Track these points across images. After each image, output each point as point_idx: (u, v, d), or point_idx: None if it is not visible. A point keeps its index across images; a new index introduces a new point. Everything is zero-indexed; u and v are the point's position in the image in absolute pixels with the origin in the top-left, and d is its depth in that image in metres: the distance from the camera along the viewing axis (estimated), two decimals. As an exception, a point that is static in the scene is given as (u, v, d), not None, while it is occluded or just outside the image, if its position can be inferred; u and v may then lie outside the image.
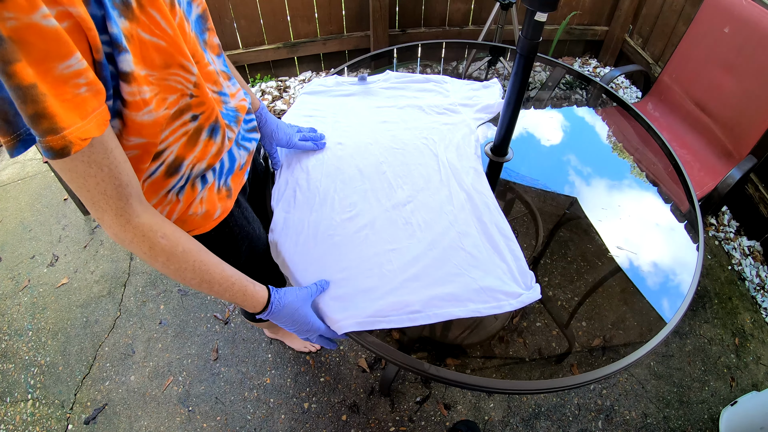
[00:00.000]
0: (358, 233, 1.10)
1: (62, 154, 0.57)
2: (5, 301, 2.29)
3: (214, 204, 0.94)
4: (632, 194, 1.38)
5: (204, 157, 0.87)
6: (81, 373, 1.98)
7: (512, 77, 1.15)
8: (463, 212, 1.14)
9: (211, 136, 0.86)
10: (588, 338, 1.11)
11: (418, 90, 1.51)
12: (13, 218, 2.71)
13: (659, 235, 1.28)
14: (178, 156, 0.82)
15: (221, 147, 0.90)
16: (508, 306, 0.99)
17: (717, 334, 2.02)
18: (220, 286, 0.84)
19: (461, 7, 3.22)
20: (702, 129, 2.08)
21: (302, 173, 1.23)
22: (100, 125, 0.60)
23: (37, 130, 0.55)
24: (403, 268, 1.03)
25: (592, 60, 3.56)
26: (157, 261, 0.75)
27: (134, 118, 0.67)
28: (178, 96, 0.75)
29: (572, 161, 1.46)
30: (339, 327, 0.95)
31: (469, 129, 1.37)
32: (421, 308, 0.97)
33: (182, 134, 0.80)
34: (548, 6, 0.99)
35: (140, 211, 0.71)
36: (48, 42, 0.52)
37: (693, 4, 2.71)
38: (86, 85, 0.57)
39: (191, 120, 0.80)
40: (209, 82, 0.85)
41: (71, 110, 0.56)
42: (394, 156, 1.27)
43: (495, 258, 1.06)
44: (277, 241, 1.09)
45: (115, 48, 0.61)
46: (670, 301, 1.11)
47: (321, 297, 0.99)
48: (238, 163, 0.98)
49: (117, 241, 0.72)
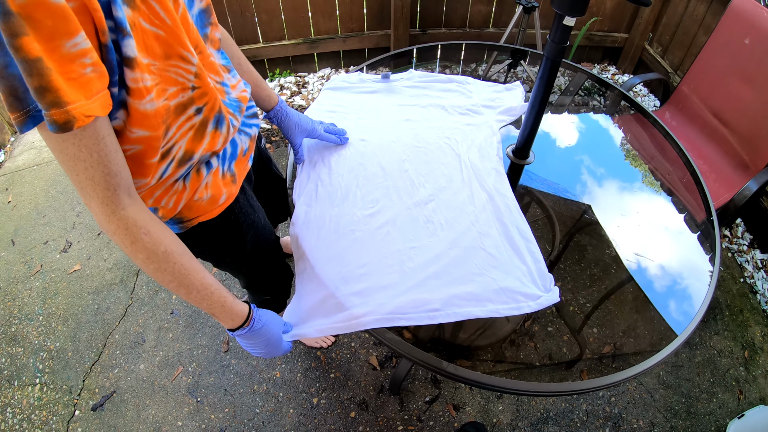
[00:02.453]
0: (380, 229, 1.10)
1: (65, 128, 0.58)
2: (17, 285, 2.31)
3: (219, 189, 0.94)
4: (649, 202, 1.37)
5: (212, 148, 0.88)
6: (90, 359, 1.99)
7: (537, 80, 1.15)
8: (484, 213, 1.14)
9: (217, 127, 0.87)
10: (599, 345, 1.11)
11: (441, 90, 1.52)
12: (27, 203, 2.73)
13: (674, 245, 1.28)
14: (188, 150, 0.83)
15: (227, 136, 0.91)
16: (527, 308, 0.99)
17: (727, 346, 2.01)
18: (198, 294, 0.82)
19: (482, 9, 3.22)
20: (719, 140, 2.07)
21: (324, 168, 1.24)
22: (104, 107, 0.62)
23: (42, 103, 0.56)
24: (424, 265, 1.04)
25: (610, 67, 3.54)
26: (137, 257, 0.74)
27: (137, 107, 0.68)
28: (178, 89, 0.76)
29: (591, 167, 1.46)
30: (360, 323, 0.95)
31: (492, 130, 1.37)
32: (441, 306, 0.97)
33: (188, 128, 0.81)
34: (577, 10, 0.98)
35: (127, 204, 0.71)
36: (55, 19, 0.54)
37: (714, 13, 2.70)
38: (91, 65, 0.59)
39: (196, 113, 0.81)
40: (211, 72, 0.86)
41: (77, 88, 0.58)
42: (417, 154, 1.28)
43: (515, 259, 1.07)
44: (298, 235, 1.10)
45: (119, 32, 0.62)
46: (683, 312, 1.11)
47: (341, 292, 1.00)
48: (240, 148, 0.99)
49: (103, 229, 0.72)
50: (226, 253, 1.10)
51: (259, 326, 0.92)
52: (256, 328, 0.91)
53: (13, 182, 2.90)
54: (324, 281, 1.02)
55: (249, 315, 0.91)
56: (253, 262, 1.16)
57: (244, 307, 0.90)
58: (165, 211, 0.86)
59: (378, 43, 3.30)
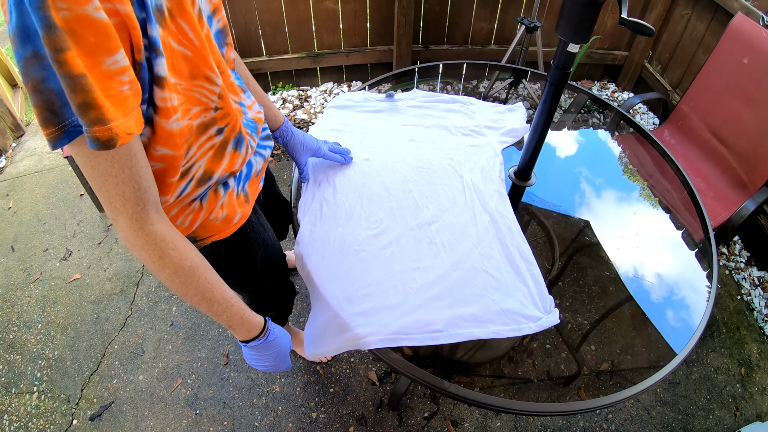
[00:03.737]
0: (384, 250, 1.11)
1: (108, 146, 0.58)
2: (16, 292, 2.30)
3: (234, 209, 0.96)
4: (647, 221, 1.39)
5: (231, 169, 0.89)
6: (89, 369, 1.98)
7: (541, 104, 1.17)
8: (486, 235, 1.15)
9: (236, 148, 0.88)
10: (596, 362, 1.12)
11: (445, 110, 1.54)
12: (28, 210, 2.73)
13: (672, 264, 1.29)
14: (207, 170, 0.84)
15: (245, 157, 0.92)
16: (528, 329, 1.01)
17: (723, 363, 2.02)
18: (220, 306, 0.83)
19: (484, 27, 3.26)
20: (717, 158, 2.09)
21: (329, 188, 1.25)
22: (138, 125, 0.62)
23: (84, 119, 0.56)
24: (427, 287, 1.05)
25: (610, 84, 3.58)
26: (163, 272, 0.74)
27: (164, 125, 0.69)
28: (201, 109, 0.76)
29: (591, 186, 1.48)
30: (364, 343, 0.96)
31: (494, 152, 1.39)
32: (443, 327, 0.99)
33: (209, 148, 0.82)
34: (581, 38, 1.01)
35: (155, 220, 0.71)
36: (98, 35, 0.54)
37: (713, 33, 2.73)
38: (129, 83, 0.59)
39: (217, 134, 0.82)
40: (232, 92, 0.87)
41: (116, 105, 0.58)
42: (420, 175, 1.29)
43: (516, 281, 1.08)
44: (303, 254, 1.11)
45: (153, 51, 0.63)
46: (681, 330, 1.12)
47: (346, 312, 1.01)
48: (254, 169, 1.01)
49: (128, 246, 0.72)
50: (237, 271, 1.11)
51: (272, 338, 0.94)
52: (270, 340, 0.94)
53: (14, 188, 2.91)
54: (328, 301, 1.03)
55: (264, 327, 0.93)
56: (261, 280, 1.17)
57: (260, 319, 0.93)
58: (180, 229, 0.85)
59: (381, 58, 3.33)
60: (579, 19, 0.97)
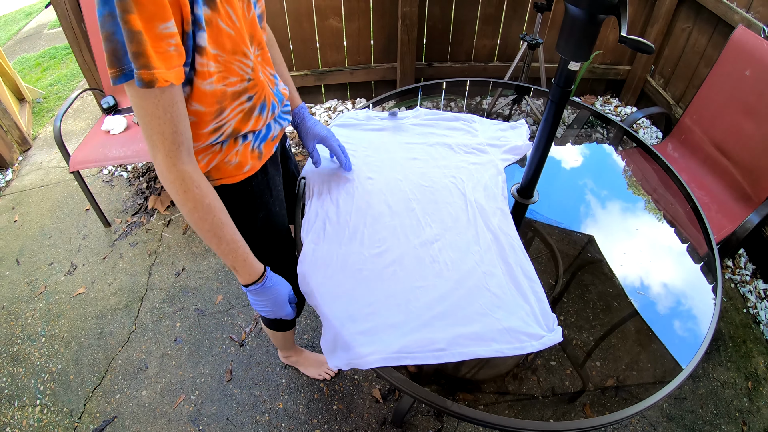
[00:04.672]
0: (387, 269, 1.12)
1: (148, 86, 0.75)
2: (20, 305, 2.32)
3: (246, 158, 1.08)
4: (651, 235, 1.39)
5: (254, 128, 1.06)
6: (92, 383, 1.99)
7: (542, 123, 1.17)
8: (489, 253, 1.16)
9: (260, 113, 1.06)
10: (601, 378, 1.11)
11: (448, 128, 1.55)
12: (33, 223, 2.75)
13: (677, 279, 1.29)
14: (235, 129, 1.01)
15: (266, 120, 1.09)
16: (531, 347, 1.00)
17: (730, 377, 2.00)
18: (228, 246, 0.97)
19: (487, 44, 3.28)
20: (721, 172, 2.09)
21: (332, 206, 1.26)
22: (178, 78, 0.80)
23: (136, 64, 0.74)
24: (430, 305, 1.05)
25: (613, 99, 3.59)
26: (186, 205, 0.89)
27: (200, 86, 0.87)
28: (238, 79, 0.94)
29: (594, 203, 1.48)
30: (365, 362, 0.96)
31: (497, 169, 1.40)
32: (446, 346, 0.98)
33: (239, 112, 0.99)
34: (582, 56, 1.01)
35: (186, 161, 0.86)
36: (156, 6, 0.72)
37: (715, 46, 2.74)
38: (174, 46, 0.77)
39: (247, 100, 1.00)
40: (268, 65, 1.08)
41: (161, 60, 0.76)
42: (423, 194, 1.30)
43: (519, 299, 1.08)
44: (305, 273, 1.11)
45: (197, 26, 0.81)
46: (685, 345, 1.11)
47: (348, 330, 1.01)
48: (272, 133, 1.14)
49: (161, 179, 0.87)
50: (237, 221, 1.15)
51: (270, 284, 1.07)
52: (267, 285, 1.06)
53: (20, 201, 2.93)
54: (331, 320, 1.03)
55: (263, 274, 1.05)
56: (261, 242, 1.21)
57: (260, 266, 1.05)
58: (199, 166, 0.96)
59: (384, 75, 3.36)
60: (579, 37, 0.98)
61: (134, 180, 3.02)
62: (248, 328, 2.13)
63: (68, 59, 4.69)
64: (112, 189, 2.97)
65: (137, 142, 2.39)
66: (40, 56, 4.90)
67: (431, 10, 3.09)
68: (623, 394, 1.07)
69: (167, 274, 2.40)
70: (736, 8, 2.49)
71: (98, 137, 2.49)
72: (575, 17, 0.97)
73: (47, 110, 3.85)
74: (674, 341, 1.14)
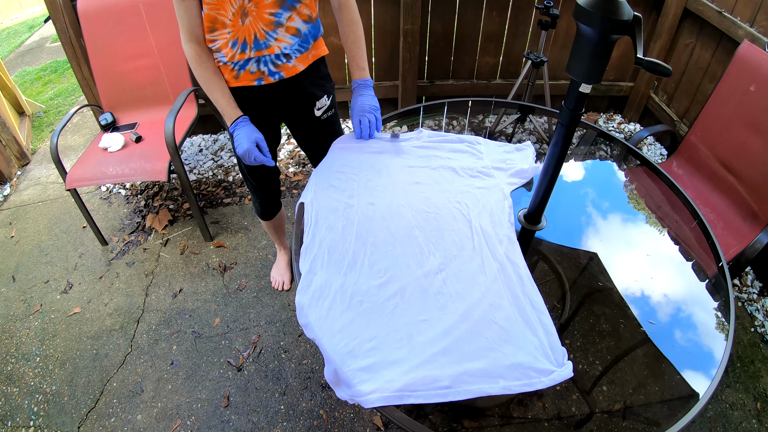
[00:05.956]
0: (388, 301, 1.08)
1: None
2: (15, 323, 2.29)
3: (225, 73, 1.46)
4: (661, 260, 1.35)
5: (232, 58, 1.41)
6: (87, 406, 1.95)
7: (552, 146, 1.14)
8: (495, 283, 1.11)
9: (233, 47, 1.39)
10: (609, 403, 1.08)
11: (452, 150, 1.51)
12: (30, 240, 2.73)
13: (687, 302, 1.25)
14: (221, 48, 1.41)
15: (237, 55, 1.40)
16: (540, 384, 0.96)
17: (739, 398, 1.95)
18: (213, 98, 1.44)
19: (489, 61, 3.26)
20: (727, 189, 2.05)
21: (331, 233, 1.22)
22: None
23: None
24: (434, 340, 1.01)
25: (616, 116, 3.56)
26: (196, 70, 1.40)
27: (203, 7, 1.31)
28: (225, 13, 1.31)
29: (602, 227, 1.44)
30: (367, 401, 0.92)
31: (503, 194, 1.36)
32: (451, 384, 0.95)
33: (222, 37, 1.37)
34: (594, 78, 0.98)
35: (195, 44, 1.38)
36: None
37: (718, 61, 2.72)
38: None
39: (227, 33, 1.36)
40: (261, 20, 1.34)
41: None
42: (427, 220, 1.26)
43: (527, 332, 1.04)
44: (304, 304, 1.07)
45: None
46: (697, 370, 1.09)
47: (349, 367, 0.97)
48: (248, 68, 1.44)
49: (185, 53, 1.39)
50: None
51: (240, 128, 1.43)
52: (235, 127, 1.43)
53: (17, 217, 2.91)
54: (330, 355, 0.99)
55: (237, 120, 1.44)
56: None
57: (237, 114, 1.44)
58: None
59: (386, 93, 3.34)
60: (591, 58, 0.95)
61: (132, 197, 2.99)
62: (246, 352, 2.08)
63: (69, 73, 4.69)
64: (110, 206, 2.94)
65: (134, 160, 2.36)
66: (41, 70, 4.91)
67: (433, 27, 3.08)
68: (631, 420, 1.05)
69: (164, 295, 2.36)
70: (739, 23, 2.47)
71: (95, 155, 2.46)
72: (587, 37, 0.93)
73: (47, 124, 3.84)
74: (683, 365, 1.11)
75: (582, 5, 0.89)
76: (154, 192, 3.01)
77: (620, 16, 0.86)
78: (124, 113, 2.70)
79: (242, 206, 2.86)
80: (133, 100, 2.69)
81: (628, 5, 0.88)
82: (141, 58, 2.59)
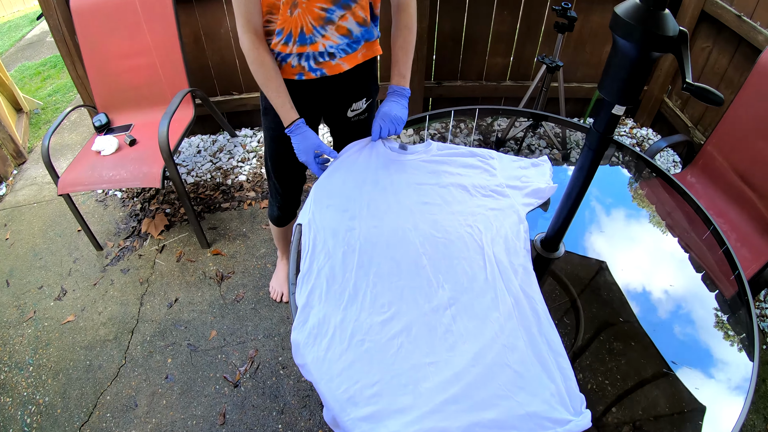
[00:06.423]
0: (393, 341, 0.99)
1: None
2: (8, 330, 2.24)
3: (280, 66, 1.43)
4: (684, 290, 1.27)
5: (275, 48, 1.38)
6: (80, 419, 1.90)
7: (576, 170, 1.05)
8: (510, 321, 1.02)
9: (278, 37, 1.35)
10: (617, 423, 1.01)
11: (462, 165, 1.41)
12: (24, 243, 2.67)
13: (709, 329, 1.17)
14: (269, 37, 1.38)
15: (280, 47, 1.37)
16: None
17: (749, 419, 1.87)
18: (270, 95, 1.39)
19: (499, 62, 3.15)
20: (744, 202, 1.97)
21: (331, 261, 1.13)
22: None
23: None
24: (442, 386, 0.92)
25: (628, 120, 3.45)
26: (252, 64, 1.35)
27: None
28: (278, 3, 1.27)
29: (622, 252, 1.34)
30: None
31: (518, 217, 1.26)
32: None
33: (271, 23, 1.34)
34: (629, 99, 0.88)
35: (253, 35, 1.32)
36: None
37: (736, 67, 2.61)
38: None
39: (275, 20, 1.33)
40: (310, 14, 1.29)
41: None
42: (435, 246, 1.16)
43: (543, 377, 0.95)
44: (300, 342, 0.99)
45: None
46: (710, 389, 1.04)
47: (349, 416, 0.89)
48: (289, 62, 1.41)
49: (240, 43, 1.34)
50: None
51: (299, 132, 1.40)
52: (294, 130, 1.40)
53: (12, 218, 2.85)
54: (329, 402, 0.90)
55: (294, 123, 1.40)
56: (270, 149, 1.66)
57: (294, 116, 1.40)
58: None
59: (392, 95, 3.23)
60: (628, 77, 0.85)
61: (128, 201, 2.91)
62: (243, 367, 2.00)
63: (68, 68, 4.61)
64: (105, 209, 2.86)
65: (128, 164, 2.28)
66: (41, 65, 4.84)
67: (441, 27, 2.98)
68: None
69: (159, 304, 2.28)
70: (760, 28, 2.36)
71: (88, 158, 2.38)
72: (625, 53, 0.83)
73: (45, 122, 3.77)
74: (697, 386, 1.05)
75: (620, 15, 0.79)
76: (151, 195, 2.93)
77: (665, 32, 0.75)
78: (119, 114, 2.62)
79: (241, 211, 2.77)
80: (128, 100, 2.61)
81: (673, 18, 0.76)
82: (137, 57, 2.50)
